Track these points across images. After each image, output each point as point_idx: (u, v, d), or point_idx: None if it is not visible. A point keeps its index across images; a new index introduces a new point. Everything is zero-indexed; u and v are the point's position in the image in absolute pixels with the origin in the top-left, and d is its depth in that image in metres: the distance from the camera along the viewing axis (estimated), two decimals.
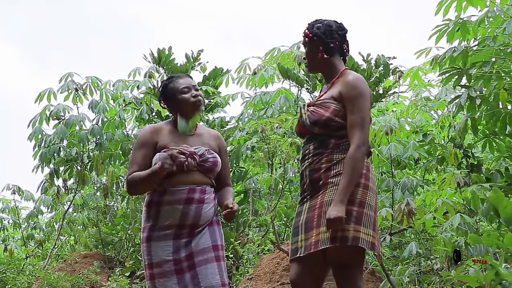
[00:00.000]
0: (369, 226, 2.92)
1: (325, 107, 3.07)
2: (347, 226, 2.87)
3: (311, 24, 3.25)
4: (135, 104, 8.34)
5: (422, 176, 7.80)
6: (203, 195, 3.33)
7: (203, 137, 3.50)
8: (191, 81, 3.53)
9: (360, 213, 2.92)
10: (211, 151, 3.43)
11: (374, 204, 3.00)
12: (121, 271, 7.32)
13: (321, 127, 3.06)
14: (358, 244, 2.86)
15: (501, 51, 5.37)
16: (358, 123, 2.98)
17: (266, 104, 8.48)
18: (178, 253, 3.27)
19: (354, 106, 3.01)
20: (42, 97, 8.47)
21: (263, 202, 8.62)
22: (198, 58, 8.54)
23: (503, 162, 6.33)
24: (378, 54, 7.43)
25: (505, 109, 5.50)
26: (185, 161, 3.29)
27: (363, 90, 3.05)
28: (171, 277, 3.25)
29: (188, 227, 3.29)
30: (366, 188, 2.98)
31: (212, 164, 3.39)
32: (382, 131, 6.17)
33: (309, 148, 3.13)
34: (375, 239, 2.93)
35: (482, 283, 3.65)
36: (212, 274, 3.23)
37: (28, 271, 8.07)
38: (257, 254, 6.64)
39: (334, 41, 3.20)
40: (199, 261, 3.25)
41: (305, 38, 3.24)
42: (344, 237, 2.86)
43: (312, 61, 3.25)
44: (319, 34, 3.19)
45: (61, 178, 8.71)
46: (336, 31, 3.22)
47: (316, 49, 3.20)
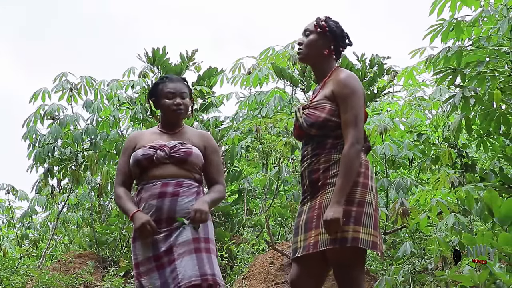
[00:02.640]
0: (369, 225, 2.91)
1: (321, 108, 3.06)
2: (346, 227, 2.86)
3: (327, 19, 3.23)
4: (129, 103, 8.32)
5: (417, 175, 7.81)
6: (178, 188, 3.33)
7: (185, 135, 3.53)
8: (181, 86, 3.55)
9: (360, 212, 2.91)
10: (187, 144, 3.43)
11: (374, 202, 2.99)
12: (116, 270, 7.30)
13: (319, 128, 3.06)
14: (357, 245, 2.85)
15: (495, 51, 5.39)
16: (352, 121, 2.98)
17: (261, 104, 8.48)
18: (157, 249, 3.28)
19: (347, 105, 3.01)
20: (36, 97, 8.44)
21: (257, 202, 8.62)
22: (192, 58, 8.53)
23: (497, 161, 6.35)
24: (372, 54, 7.44)
25: (499, 109, 5.52)
26: (154, 153, 3.36)
27: (355, 88, 3.05)
28: (153, 274, 3.27)
29: (165, 222, 3.29)
30: (365, 186, 2.98)
31: (183, 154, 3.38)
32: (377, 131, 6.18)
33: (307, 149, 3.13)
34: (376, 238, 2.92)
35: (476, 283, 3.66)
36: (190, 266, 3.20)
37: (22, 271, 8.04)
38: (252, 254, 6.64)
39: (344, 46, 3.25)
40: (178, 254, 3.23)
41: (318, 27, 3.19)
42: (343, 238, 2.85)
43: (314, 52, 3.21)
44: (336, 33, 3.20)
45: (55, 177, 8.68)
46: (347, 38, 3.26)
47: (325, 44, 3.19)
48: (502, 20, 5.17)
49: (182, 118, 3.56)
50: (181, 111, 3.50)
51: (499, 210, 4.28)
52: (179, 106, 3.49)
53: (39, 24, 23.39)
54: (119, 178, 3.51)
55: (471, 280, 3.66)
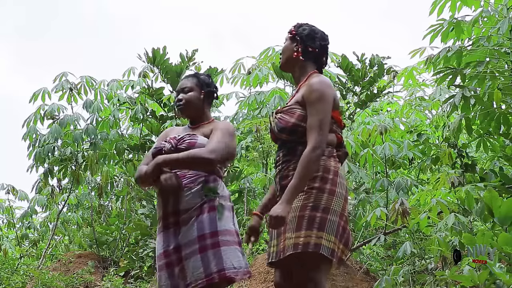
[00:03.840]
0: (331, 233, 2.89)
1: (291, 113, 3.06)
2: (310, 232, 2.86)
3: (298, 24, 3.31)
4: (129, 103, 8.32)
5: (417, 175, 7.81)
6: (182, 180, 3.31)
7: (203, 128, 3.51)
8: (185, 82, 3.59)
9: (324, 219, 2.89)
10: (194, 136, 3.41)
11: (340, 210, 2.96)
12: (116, 270, 7.31)
13: (288, 133, 3.06)
14: (319, 251, 2.83)
15: (495, 51, 5.39)
16: (316, 126, 2.96)
17: (261, 104, 8.47)
18: (168, 245, 3.28)
19: (313, 109, 3.00)
20: (36, 97, 8.45)
21: (257, 202, 8.61)
22: (192, 58, 8.53)
23: (497, 161, 6.35)
24: (372, 54, 7.43)
25: (499, 109, 5.52)
26: (163, 146, 3.38)
27: (324, 93, 3.03)
28: (162, 272, 3.28)
29: (172, 215, 3.30)
30: (332, 193, 2.95)
31: (187, 145, 3.35)
32: (377, 131, 6.18)
33: (279, 155, 3.14)
34: (335, 245, 2.89)
35: (476, 283, 3.66)
36: (196, 268, 3.19)
37: (22, 271, 8.05)
38: (252, 254, 6.64)
39: (314, 47, 3.23)
40: (186, 254, 3.23)
41: (289, 34, 3.29)
42: (306, 243, 2.85)
43: (286, 58, 3.29)
44: (302, 34, 3.24)
45: (55, 177, 8.69)
46: (319, 39, 3.26)
47: (294, 48, 3.24)
48: (502, 20, 5.17)
49: (188, 112, 3.56)
50: (180, 106, 3.53)
51: (499, 210, 4.29)
52: (178, 102, 3.54)
53: (39, 24, 23.40)
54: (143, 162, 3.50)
55: (471, 280, 3.67)
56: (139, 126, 8.45)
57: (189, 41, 23.41)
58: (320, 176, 2.97)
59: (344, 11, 21.65)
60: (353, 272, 5.81)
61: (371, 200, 6.77)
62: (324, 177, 2.98)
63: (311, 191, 2.95)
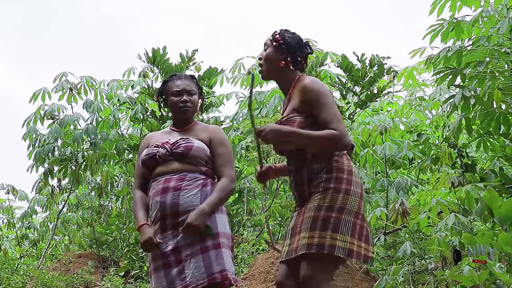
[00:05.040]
0: (347, 233, 2.88)
1: (292, 122, 3.05)
2: (325, 233, 2.87)
3: (282, 31, 3.26)
4: (129, 103, 8.32)
5: (417, 175, 7.81)
6: (180, 182, 3.31)
7: (194, 131, 3.52)
8: (188, 84, 3.55)
9: (338, 219, 2.89)
10: (189, 139, 3.42)
11: (355, 209, 2.96)
12: (116, 270, 7.31)
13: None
14: (334, 252, 2.84)
15: (495, 51, 5.39)
16: (331, 118, 2.96)
17: (261, 104, 8.48)
18: (165, 246, 3.27)
19: (319, 106, 2.99)
20: (36, 97, 8.44)
21: (257, 202, 8.61)
22: (192, 58, 8.53)
23: (497, 161, 6.35)
24: (372, 54, 7.43)
25: (499, 109, 5.52)
26: (156, 151, 3.39)
27: (321, 89, 3.04)
28: (159, 273, 3.27)
29: (170, 217, 3.29)
30: (347, 193, 2.96)
31: (184, 148, 3.36)
32: (377, 131, 6.17)
33: (291, 166, 3.15)
34: (353, 245, 2.89)
35: (476, 283, 3.66)
36: (197, 268, 3.19)
37: (22, 270, 8.04)
38: (252, 254, 6.64)
39: (302, 56, 3.24)
40: (186, 255, 3.22)
41: (273, 42, 3.23)
42: (321, 244, 2.85)
43: (272, 67, 3.23)
44: (291, 44, 3.21)
45: (55, 177, 8.68)
46: (305, 47, 3.26)
47: (281, 57, 3.21)
48: (502, 20, 5.17)
49: (191, 115, 3.55)
50: (187, 108, 3.50)
51: (499, 210, 4.29)
52: (185, 103, 3.49)
53: (39, 24, 23.40)
54: (136, 181, 3.53)
55: (471, 280, 3.67)
56: (139, 126, 8.45)
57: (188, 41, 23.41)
58: (335, 176, 2.98)
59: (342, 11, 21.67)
60: (353, 272, 5.80)
61: (371, 200, 6.77)
62: (338, 177, 2.98)
63: (327, 191, 2.95)
